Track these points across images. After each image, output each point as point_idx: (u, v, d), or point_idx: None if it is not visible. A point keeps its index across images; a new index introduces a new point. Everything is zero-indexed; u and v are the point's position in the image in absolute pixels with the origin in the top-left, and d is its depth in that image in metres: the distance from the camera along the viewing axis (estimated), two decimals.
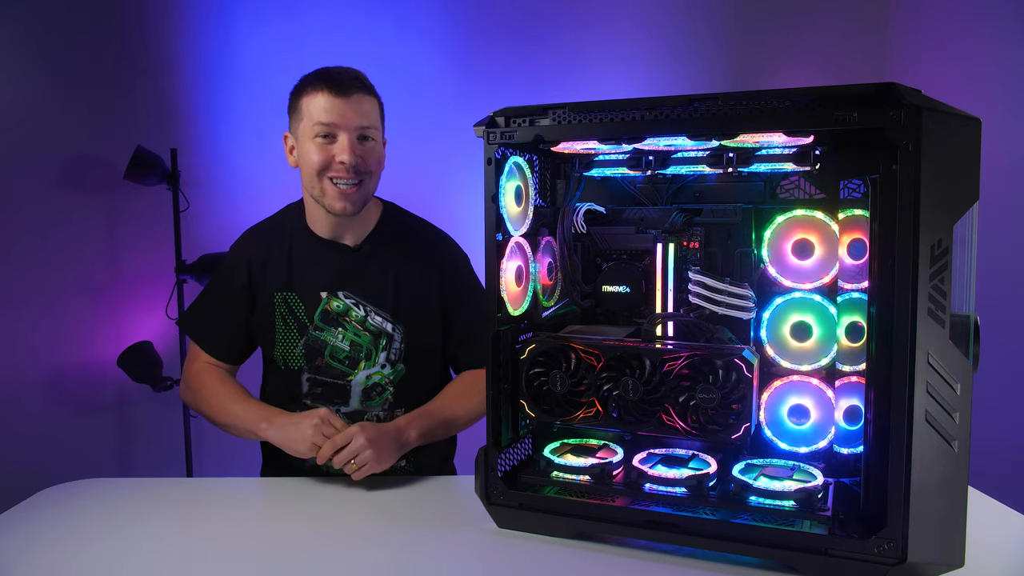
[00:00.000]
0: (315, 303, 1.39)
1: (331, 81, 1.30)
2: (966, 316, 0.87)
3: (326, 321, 1.39)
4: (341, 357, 1.39)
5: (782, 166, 1.08)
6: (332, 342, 1.39)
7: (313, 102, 1.30)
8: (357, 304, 1.39)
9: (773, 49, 2.89)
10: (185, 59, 2.73)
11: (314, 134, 1.30)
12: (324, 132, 1.30)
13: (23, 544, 1.04)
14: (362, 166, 1.32)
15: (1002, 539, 1.04)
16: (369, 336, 1.39)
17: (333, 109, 1.29)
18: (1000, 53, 2.22)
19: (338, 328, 1.39)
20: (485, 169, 1.05)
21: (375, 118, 1.35)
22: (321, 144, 1.30)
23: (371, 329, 1.40)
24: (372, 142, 1.34)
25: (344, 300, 1.39)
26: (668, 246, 1.14)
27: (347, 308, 1.39)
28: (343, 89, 1.29)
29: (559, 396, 1.07)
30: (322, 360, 1.40)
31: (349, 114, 1.30)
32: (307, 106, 1.31)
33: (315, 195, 1.35)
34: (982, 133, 0.84)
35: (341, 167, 1.30)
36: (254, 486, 1.33)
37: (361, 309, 1.39)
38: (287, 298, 1.40)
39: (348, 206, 1.33)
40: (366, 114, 1.32)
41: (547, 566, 0.97)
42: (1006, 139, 2.10)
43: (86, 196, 2.63)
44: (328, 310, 1.39)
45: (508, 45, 2.84)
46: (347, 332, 1.39)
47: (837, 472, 1.07)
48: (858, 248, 1.02)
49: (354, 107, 1.30)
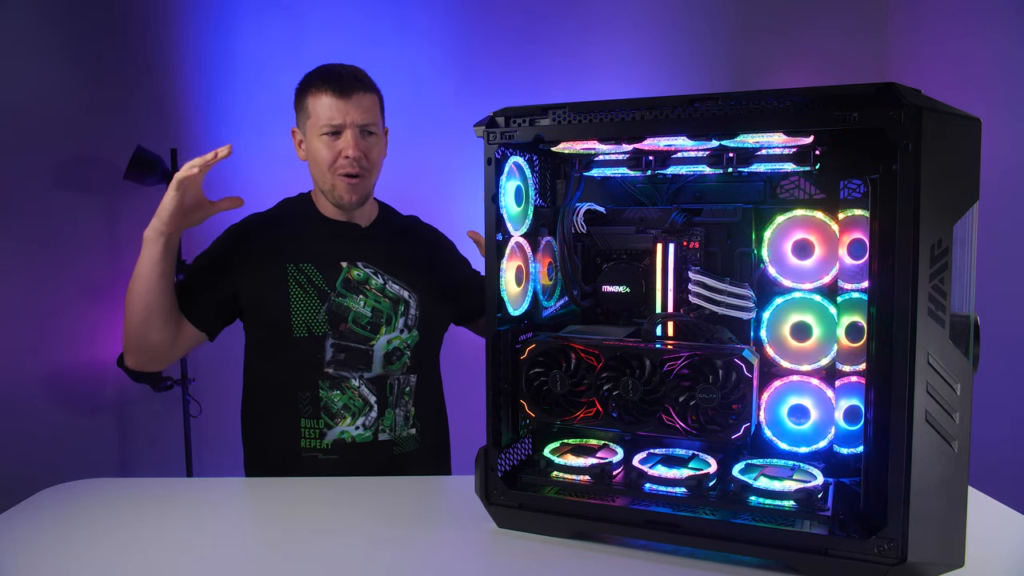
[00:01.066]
0: (335, 272, 1.46)
1: (334, 82, 1.41)
2: (966, 316, 0.87)
3: (348, 288, 1.46)
4: (364, 323, 1.45)
5: (782, 166, 1.08)
6: (355, 308, 1.45)
7: (318, 102, 1.41)
8: (376, 273, 1.48)
9: (773, 49, 2.89)
10: (185, 59, 2.74)
11: (320, 132, 1.42)
12: (329, 130, 1.41)
13: (23, 544, 1.04)
14: (364, 161, 1.43)
15: (1002, 539, 1.04)
16: (389, 302, 1.47)
17: (337, 109, 1.40)
18: (1000, 53, 2.22)
19: (359, 295, 1.46)
20: (485, 169, 1.05)
21: (375, 114, 1.46)
22: (328, 141, 1.42)
23: (390, 296, 1.48)
24: (374, 136, 1.46)
25: (363, 269, 1.47)
26: (668, 246, 1.14)
27: (367, 276, 1.47)
28: (345, 90, 1.41)
29: (559, 396, 1.07)
30: (345, 326, 1.44)
31: (352, 113, 1.41)
32: (313, 105, 1.42)
33: (325, 189, 1.46)
34: (982, 133, 0.84)
35: (346, 161, 1.42)
36: (254, 486, 1.33)
37: (379, 278, 1.48)
38: (302, 268, 1.45)
39: (355, 197, 1.46)
40: (367, 111, 1.43)
41: (547, 566, 0.97)
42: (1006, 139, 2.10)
43: (86, 196, 2.63)
44: (349, 278, 1.46)
45: (508, 45, 2.84)
46: (368, 299, 1.46)
47: (837, 472, 1.07)
48: (858, 248, 1.02)
49: (355, 105, 1.41)
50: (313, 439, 1.43)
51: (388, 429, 1.46)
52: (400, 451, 1.48)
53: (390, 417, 1.46)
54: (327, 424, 1.43)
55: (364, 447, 1.44)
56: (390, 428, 1.46)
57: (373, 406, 1.45)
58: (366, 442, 1.44)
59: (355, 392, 1.44)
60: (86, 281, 2.62)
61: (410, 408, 1.50)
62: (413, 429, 1.50)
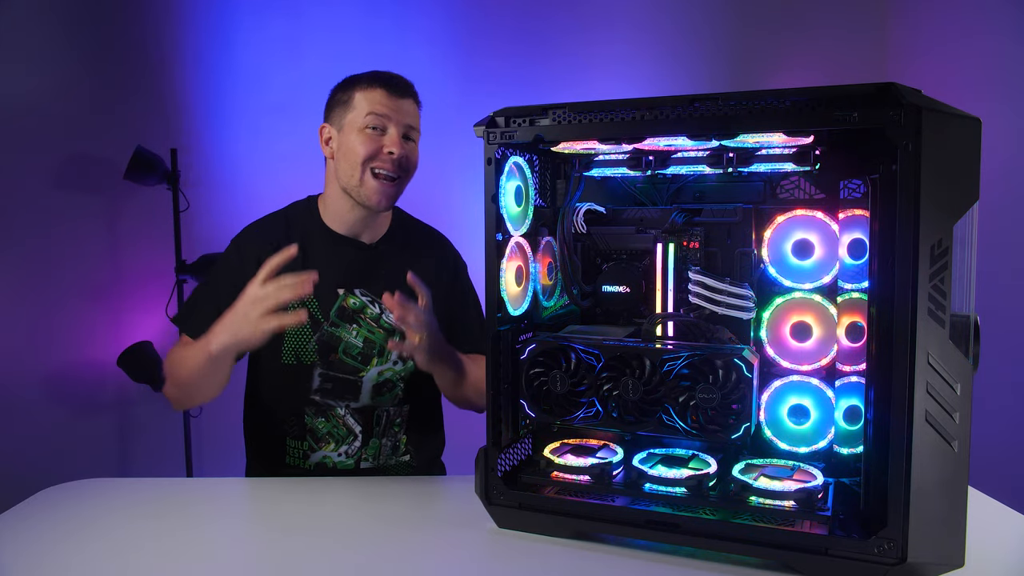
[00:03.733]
0: (331, 299, 1.41)
1: (388, 82, 1.40)
2: (966, 316, 0.87)
3: (342, 317, 1.41)
4: (354, 353, 1.41)
5: (782, 166, 1.08)
6: (346, 338, 1.41)
7: (369, 95, 1.38)
8: (372, 302, 1.43)
9: (773, 49, 2.89)
10: (185, 59, 2.73)
11: (365, 125, 1.37)
12: (375, 124, 1.37)
13: (23, 544, 1.04)
14: (404, 163, 1.39)
15: (1002, 539, 1.04)
16: (383, 333, 1.42)
17: (388, 104, 1.38)
18: (1000, 53, 2.22)
19: (352, 325, 1.41)
20: (485, 169, 1.05)
21: (417, 124, 1.44)
22: (371, 135, 1.37)
23: (385, 326, 1.43)
24: (413, 144, 1.43)
25: (360, 297, 1.42)
26: (668, 246, 1.14)
27: (363, 305, 1.42)
28: (399, 90, 1.40)
29: (559, 396, 1.07)
30: (335, 356, 1.41)
31: (401, 111, 1.39)
32: (360, 99, 1.38)
33: (351, 185, 1.38)
34: (982, 133, 0.84)
35: (389, 158, 1.37)
36: (254, 486, 1.33)
37: (376, 307, 1.42)
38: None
39: (384, 201, 1.39)
40: (412, 116, 1.42)
41: (547, 566, 0.97)
42: (1006, 139, 2.10)
43: (86, 196, 2.63)
44: (344, 307, 1.41)
45: (508, 45, 2.84)
46: (361, 329, 1.41)
47: (837, 472, 1.07)
48: (858, 248, 1.02)
49: (405, 107, 1.40)
50: (297, 458, 1.43)
51: (371, 458, 1.44)
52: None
53: (374, 447, 1.43)
54: (311, 447, 1.42)
55: (345, 474, 1.42)
56: (373, 457, 1.44)
57: (357, 436, 1.42)
58: (347, 468, 1.43)
59: (340, 421, 1.42)
60: (86, 281, 2.62)
61: (400, 437, 1.47)
62: (406, 456, 1.48)
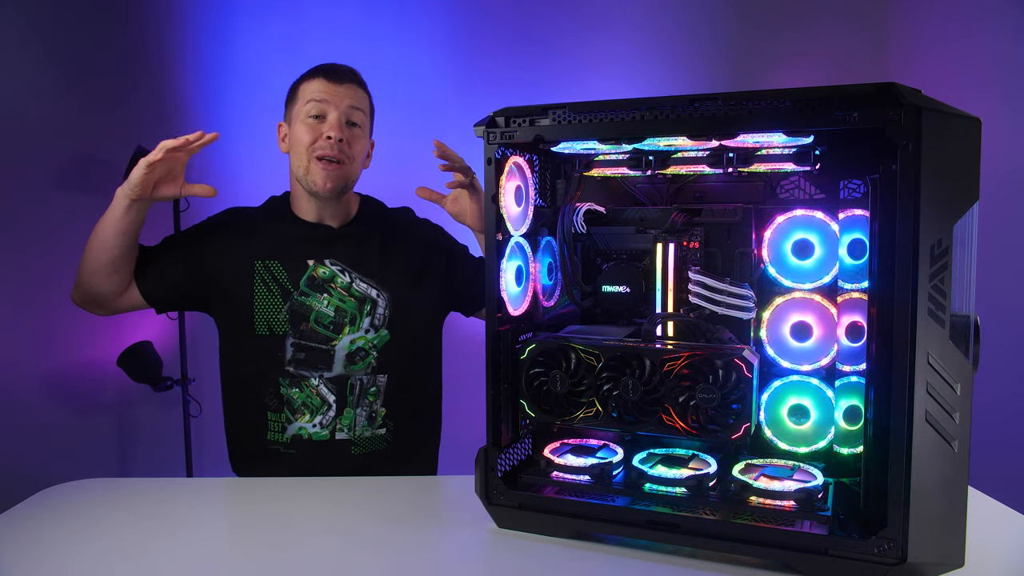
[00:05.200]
0: (301, 270, 1.44)
1: (327, 70, 1.44)
2: (966, 316, 0.87)
3: (312, 287, 1.44)
4: (326, 322, 1.44)
5: (782, 166, 1.08)
6: (317, 307, 1.43)
7: (308, 86, 1.43)
8: (343, 271, 1.45)
9: (773, 48, 2.89)
10: (185, 59, 2.73)
11: (306, 114, 1.41)
12: (315, 112, 1.41)
13: (23, 544, 1.04)
14: (346, 147, 1.42)
15: (1002, 539, 1.04)
16: (354, 301, 1.45)
17: (326, 92, 1.41)
18: (1000, 53, 2.22)
19: (323, 294, 1.44)
20: (485, 169, 1.05)
21: (364, 107, 1.46)
22: (312, 124, 1.41)
23: (356, 295, 1.45)
24: (359, 129, 1.45)
25: (330, 267, 1.45)
26: (668, 246, 1.14)
27: (333, 275, 1.45)
28: (337, 76, 1.43)
29: (559, 396, 1.07)
30: (307, 325, 1.43)
31: (340, 96, 1.42)
32: (302, 91, 1.44)
33: (300, 175, 1.44)
34: (982, 133, 0.84)
35: (328, 143, 1.40)
36: (254, 486, 1.33)
37: (346, 275, 1.45)
38: (269, 265, 1.44)
39: (330, 183, 1.42)
40: (355, 100, 1.44)
41: (547, 566, 0.97)
42: (1006, 139, 2.10)
43: (86, 196, 2.62)
44: (314, 276, 1.44)
45: (508, 45, 2.84)
46: (332, 298, 1.44)
47: (837, 472, 1.07)
48: (858, 248, 1.02)
49: (345, 91, 1.42)
50: (276, 432, 1.46)
51: (347, 428, 1.45)
52: (361, 451, 1.47)
53: (349, 416, 1.45)
54: (288, 419, 1.45)
55: (321, 444, 1.45)
56: (348, 428, 1.45)
57: (332, 405, 1.44)
58: (323, 440, 1.45)
59: (313, 391, 1.44)
60: None
61: (377, 408, 1.48)
62: (383, 429, 1.49)
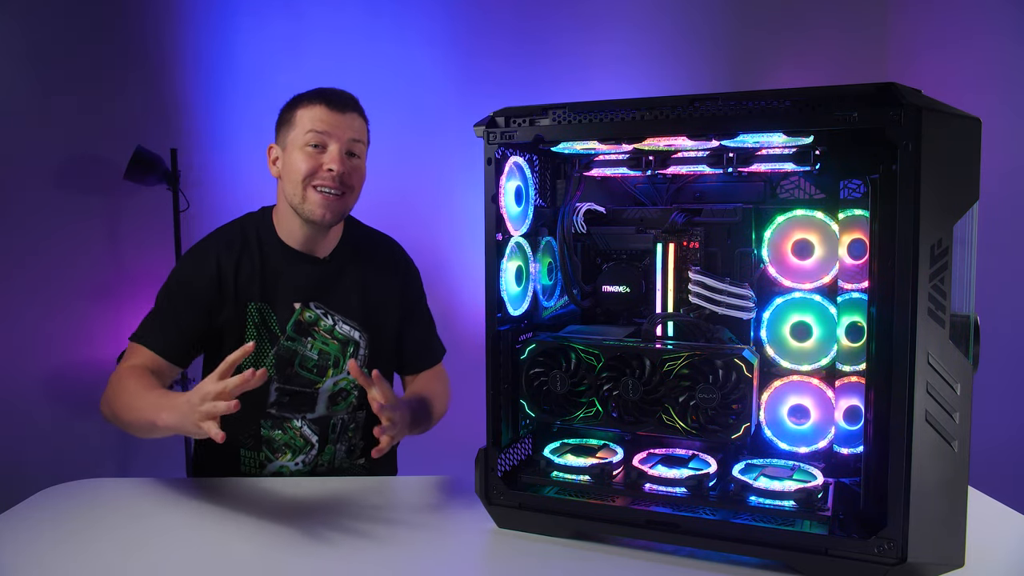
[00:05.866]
0: (288, 314, 1.40)
1: (328, 97, 1.37)
2: (966, 316, 0.87)
3: (298, 331, 1.40)
4: (310, 366, 1.41)
5: (782, 166, 1.08)
6: (302, 352, 1.40)
7: (308, 113, 1.36)
8: (326, 314, 1.42)
9: (773, 48, 2.89)
10: (185, 59, 2.73)
11: (305, 143, 1.35)
12: (315, 141, 1.35)
13: (23, 544, 1.04)
14: (347, 179, 1.36)
15: (1002, 539, 1.04)
16: (337, 344, 1.42)
17: (328, 120, 1.35)
18: (1000, 53, 2.22)
19: (308, 338, 1.41)
20: (485, 169, 1.05)
21: (364, 138, 1.41)
22: (311, 153, 1.35)
23: (339, 337, 1.42)
24: (358, 159, 1.40)
25: (315, 311, 1.41)
26: (668, 246, 1.14)
27: (317, 318, 1.41)
28: (339, 105, 1.37)
29: (559, 396, 1.07)
30: (291, 369, 1.40)
31: (342, 127, 1.36)
32: (302, 116, 1.36)
33: (295, 203, 1.37)
34: (982, 133, 0.84)
35: (329, 175, 1.34)
36: (253, 486, 1.33)
37: (330, 319, 1.42)
38: (260, 309, 1.39)
39: (328, 215, 1.36)
40: (357, 131, 1.38)
41: (547, 566, 0.97)
42: (1006, 139, 2.10)
43: (86, 196, 2.63)
44: (301, 320, 1.40)
45: (508, 45, 2.84)
46: (315, 342, 1.41)
47: (837, 472, 1.07)
48: (858, 248, 1.02)
49: (348, 122, 1.37)
50: (253, 468, 1.42)
51: (327, 464, 1.45)
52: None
53: (329, 452, 1.45)
54: (268, 458, 1.42)
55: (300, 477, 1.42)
56: (328, 463, 1.45)
57: (314, 445, 1.43)
58: (302, 475, 1.43)
59: (296, 432, 1.42)
60: (86, 281, 2.62)
61: (356, 442, 1.48)
62: (361, 459, 1.48)
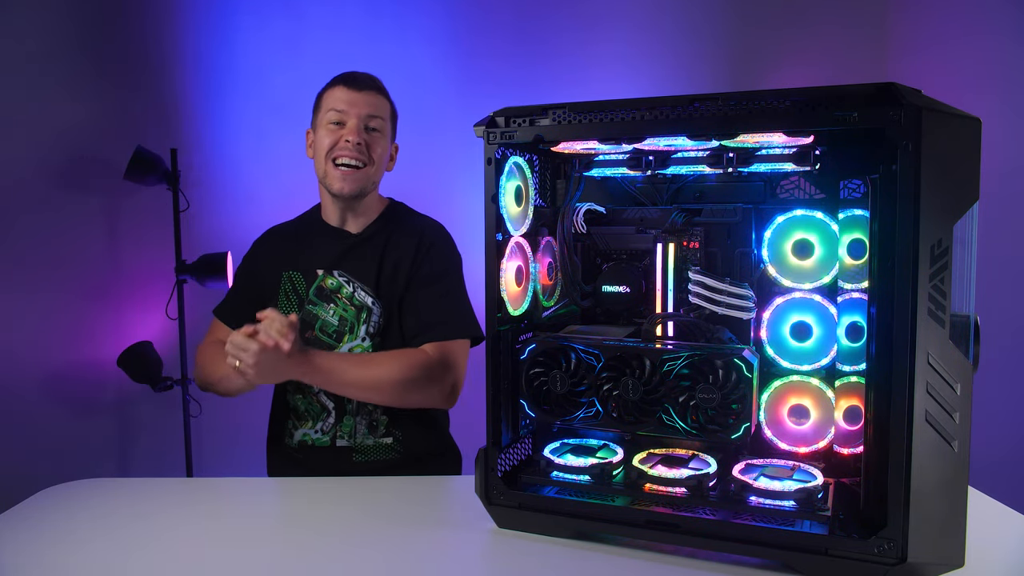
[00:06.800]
0: (312, 279, 1.50)
1: (348, 78, 1.48)
2: (966, 316, 0.87)
3: (320, 297, 1.49)
4: (330, 331, 1.47)
5: (782, 166, 1.08)
6: (323, 316, 1.48)
7: (331, 94, 1.48)
8: (348, 281, 1.49)
9: (773, 48, 2.88)
10: (185, 59, 2.73)
11: (327, 121, 1.46)
12: (336, 119, 1.45)
13: (23, 544, 1.04)
14: (365, 150, 1.46)
15: (1002, 539, 1.04)
16: (354, 310, 1.48)
17: (345, 100, 1.46)
18: (1000, 53, 2.21)
19: (330, 304, 1.48)
20: (485, 169, 1.05)
21: (384, 114, 1.50)
22: (333, 129, 1.46)
23: (356, 304, 1.48)
24: (378, 134, 1.48)
25: (338, 278, 1.49)
26: (668, 246, 1.14)
27: (339, 285, 1.49)
28: (357, 85, 1.47)
29: (559, 396, 1.07)
30: (312, 333, 1.47)
31: (359, 103, 1.46)
32: (326, 99, 1.48)
33: (322, 178, 1.49)
34: (982, 133, 0.84)
35: (346, 145, 1.44)
36: (254, 486, 1.33)
37: (351, 286, 1.48)
38: (292, 277, 1.51)
39: (347, 187, 1.46)
40: (375, 107, 1.47)
41: (547, 566, 0.97)
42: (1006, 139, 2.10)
43: (86, 196, 2.63)
44: (323, 286, 1.49)
45: (508, 45, 2.84)
46: (337, 308, 1.48)
47: (837, 472, 1.07)
48: (858, 248, 1.02)
49: (365, 99, 1.47)
50: (287, 438, 1.51)
51: (347, 436, 1.47)
52: (364, 459, 1.47)
53: (348, 424, 1.47)
54: (294, 425, 1.50)
55: (324, 451, 1.47)
56: (348, 435, 1.47)
57: (331, 412, 1.47)
58: (324, 446, 1.47)
59: (314, 398, 1.48)
60: (86, 281, 2.62)
61: (378, 416, 1.47)
62: (388, 438, 1.48)
